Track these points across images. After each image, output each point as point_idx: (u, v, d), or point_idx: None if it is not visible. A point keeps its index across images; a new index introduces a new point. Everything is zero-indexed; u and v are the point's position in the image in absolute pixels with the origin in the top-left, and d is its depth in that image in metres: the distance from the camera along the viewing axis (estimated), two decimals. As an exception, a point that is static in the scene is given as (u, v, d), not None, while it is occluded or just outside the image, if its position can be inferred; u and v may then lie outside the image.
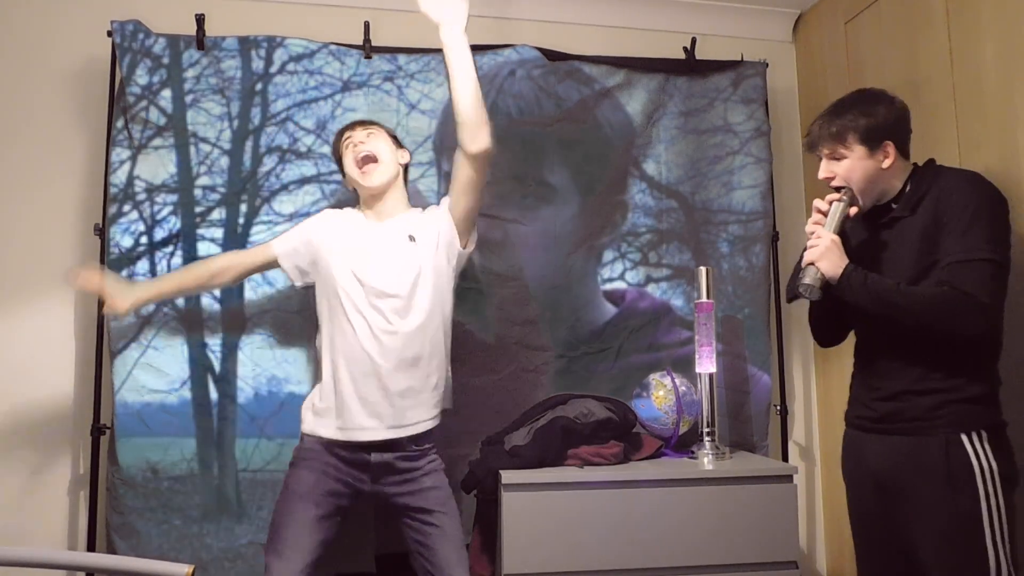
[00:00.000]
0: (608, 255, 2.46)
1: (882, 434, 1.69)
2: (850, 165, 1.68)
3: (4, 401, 2.19)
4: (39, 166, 2.27)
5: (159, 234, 2.20)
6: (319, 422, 1.87)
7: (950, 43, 2.05)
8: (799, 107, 2.77)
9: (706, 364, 2.21)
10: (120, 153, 2.19)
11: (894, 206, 1.71)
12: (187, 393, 2.16)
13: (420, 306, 1.88)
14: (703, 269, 2.27)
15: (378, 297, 1.86)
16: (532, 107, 2.42)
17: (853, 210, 1.70)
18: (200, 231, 2.22)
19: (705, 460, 2.13)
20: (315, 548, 1.80)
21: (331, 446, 1.85)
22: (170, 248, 2.20)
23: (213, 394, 2.17)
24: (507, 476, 1.94)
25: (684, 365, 2.34)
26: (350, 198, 2.13)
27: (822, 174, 1.73)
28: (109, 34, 2.21)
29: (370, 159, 1.94)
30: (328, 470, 1.85)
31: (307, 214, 2.25)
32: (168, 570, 1.23)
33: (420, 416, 1.87)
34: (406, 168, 2.05)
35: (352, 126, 2.02)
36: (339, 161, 2.04)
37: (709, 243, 2.51)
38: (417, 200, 2.32)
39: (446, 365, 1.96)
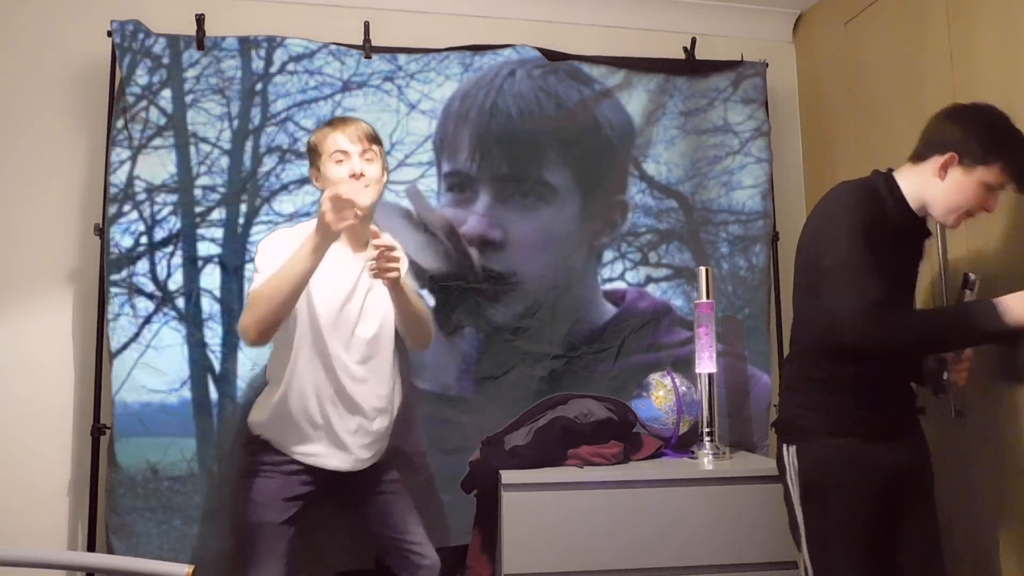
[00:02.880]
0: (608, 255, 2.46)
1: (897, 439, 1.68)
2: None
3: (4, 401, 2.19)
4: (39, 166, 2.27)
5: (159, 234, 2.20)
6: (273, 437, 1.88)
7: (950, 43, 2.05)
8: (799, 107, 2.77)
9: (706, 364, 2.21)
10: (120, 153, 2.19)
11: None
12: (187, 393, 2.16)
13: (384, 347, 1.92)
14: (703, 269, 2.27)
15: (346, 338, 1.85)
16: (532, 107, 2.42)
17: None
18: (200, 231, 2.22)
19: (705, 460, 2.13)
20: (289, 552, 1.81)
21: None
22: (170, 248, 2.20)
23: (213, 394, 2.17)
24: (507, 476, 1.94)
25: (684, 365, 2.34)
26: None
27: (994, 209, 1.67)
28: (109, 34, 2.21)
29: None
30: (286, 475, 1.85)
31: (307, 214, 2.26)
32: (168, 570, 1.23)
33: (375, 451, 1.92)
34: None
35: (342, 129, 1.88)
36: (313, 151, 1.92)
37: (709, 243, 2.51)
38: (417, 200, 2.33)
39: (398, 399, 1.99)
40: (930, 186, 1.65)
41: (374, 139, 1.92)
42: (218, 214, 2.24)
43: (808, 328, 1.72)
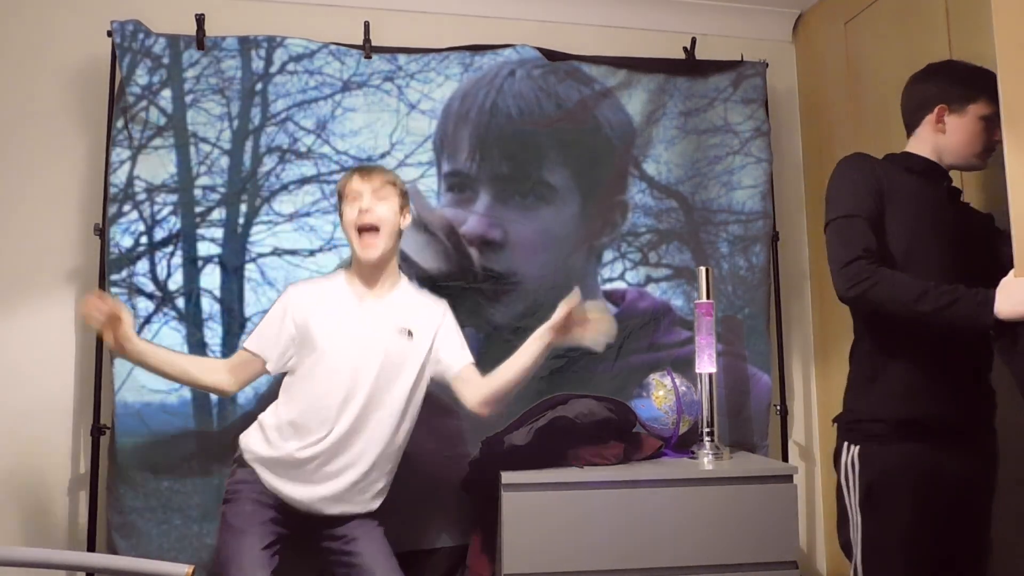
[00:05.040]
0: (608, 255, 2.46)
1: (965, 445, 1.63)
2: None
3: (4, 401, 2.19)
4: (39, 166, 2.27)
5: (159, 234, 2.20)
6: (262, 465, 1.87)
7: (950, 43, 2.05)
8: (799, 107, 2.77)
9: (706, 364, 2.21)
10: (120, 153, 2.19)
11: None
12: (187, 393, 2.16)
13: (389, 404, 1.87)
14: (703, 269, 2.27)
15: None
16: (532, 107, 2.42)
17: None
18: (200, 231, 2.22)
19: (705, 460, 2.13)
20: None
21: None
22: (170, 248, 2.20)
23: (213, 394, 2.17)
24: (507, 476, 1.94)
25: (684, 365, 2.34)
26: None
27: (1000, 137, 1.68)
28: (109, 34, 2.21)
29: (372, 229, 1.88)
30: (262, 499, 1.84)
31: (307, 214, 2.26)
32: (168, 570, 1.23)
33: (353, 509, 1.87)
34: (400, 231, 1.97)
35: (362, 173, 1.92)
36: (338, 196, 1.97)
37: (709, 243, 2.51)
38: (417, 200, 2.33)
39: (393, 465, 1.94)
40: (937, 142, 1.73)
41: (392, 182, 1.94)
42: (218, 214, 2.24)
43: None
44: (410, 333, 1.90)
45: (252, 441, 1.89)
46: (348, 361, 1.84)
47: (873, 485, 1.63)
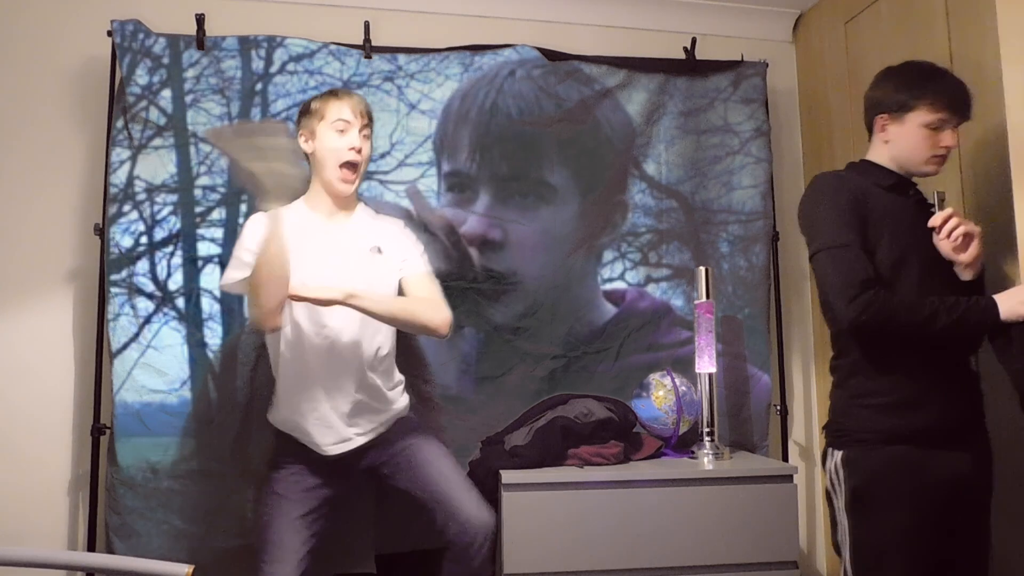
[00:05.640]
0: (608, 255, 2.46)
1: (957, 446, 1.62)
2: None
3: (4, 401, 2.19)
4: (39, 166, 2.27)
5: (159, 234, 2.20)
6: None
7: (950, 43, 2.05)
8: (799, 107, 2.77)
9: (706, 364, 2.21)
10: (120, 153, 2.19)
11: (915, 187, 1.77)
12: (187, 393, 2.16)
13: (377, 332, 1.88)
14: (703, 269, 2.27)
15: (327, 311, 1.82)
16: (532, 107, 2.42)
17: None
18: (200, 231, 2.22)
19: (705, 460, 2.13)
20: (303, 545, 1.81)
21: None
22: (170, 248, 2.20)
23: (213, 394, 2.17)
24: (507, 476, 1.94)
25: (684, 365, 2.34)
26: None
27: (953, 142, 1.70)
28: (109, 34, 2.21)
29: (355, 168, 1.90)
30: (305, 464, 1.87)
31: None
32: (168, 570, 1.23)
33: (374, 422, 1.90)
34: None
35: (347, 101, 1.90)
36: (312, 113, 1.92)
37: (709, 243, 2.51)
38: (417, 200, 2.33)
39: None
40: (886, 150, 1.74)
41: (370, 118, 1.97)
42: (218, 214, 2.24)
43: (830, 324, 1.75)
44: (379, 250, 1.91)
45: (273, 408, 1.92)
46: (325, 281, 1.79)
47: (859, 489, 1.62)
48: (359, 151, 1.89)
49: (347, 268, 1.85)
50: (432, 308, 1.87)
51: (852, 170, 1.78)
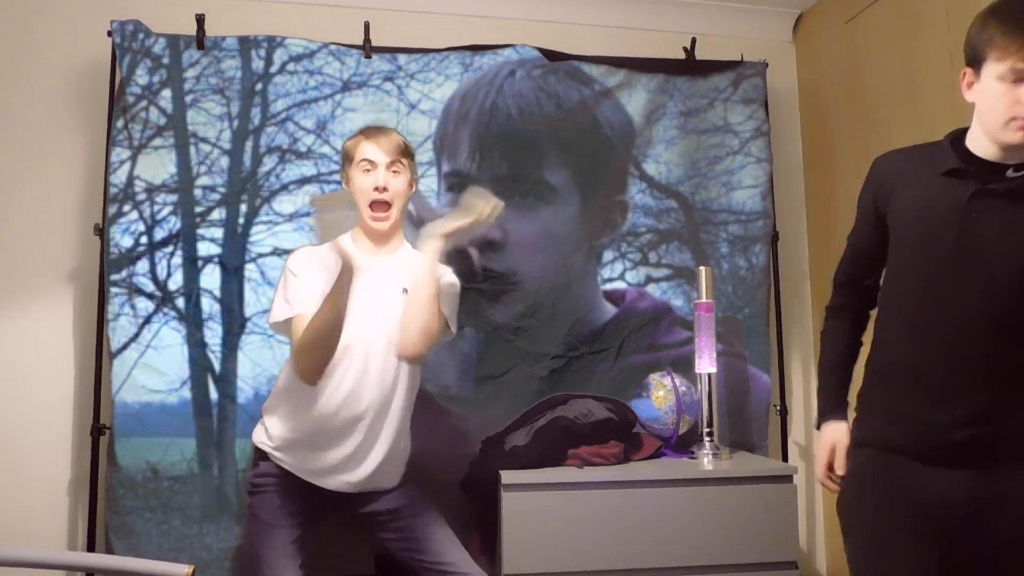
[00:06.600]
0: (608, 255, 2.46)
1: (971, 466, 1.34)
2: None
3: (4, 401, 2.19)
4: (39, 166, 2.27)
5: (159, 234, 2.20)
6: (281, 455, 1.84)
7: (950, 43, 2.05)
8: (799, 107, 2.77)
9: (706, 364, 2.21)
10: (120, 153, 2.19)
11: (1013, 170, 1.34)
12: (187, 393, 2.16)
13: (393, 367, 1.83)
14: (703, 269, 2.27)
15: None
16: (532, 107, 2.42)
17: None
18: (200, 231, 2.22)
19: (705, 460, 2.12)
20: (300, 569, 1.76)
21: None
22: (170, 248, 2.20)
23: (213, 394, 2.17)
24: (507, 476, 1.94)
25: (684, 365, 2.34)
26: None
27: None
28: (109, 34, 2.21)
29: (387, 206, 1.86)
30: (288, 490, 1.81)
31: (307, 214, 2.26)
32: (168, 570, 1.22)
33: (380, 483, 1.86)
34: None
35: (374, 140, 1.87)
36: (345, 156, 1.93)
37: (709, 243, 2.51)
38: (417, 201, 2.33)
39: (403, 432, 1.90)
40: (975, 115, 1.38)
41: (405, 152, 1.91)
42: (218, 214, 2.24)
43: None
44: (405, 290, 1.87)
45: (269, 428, 1.84)
46: (352, 318, 1.77)
47: (841, 494, 1.50)
48: (384, 189, 1.84)
49: (377, 309, 1.83)
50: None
51: (921, 149, 1.49)
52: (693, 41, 2.61)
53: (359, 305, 1.79)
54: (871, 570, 1.40)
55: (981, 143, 1.37)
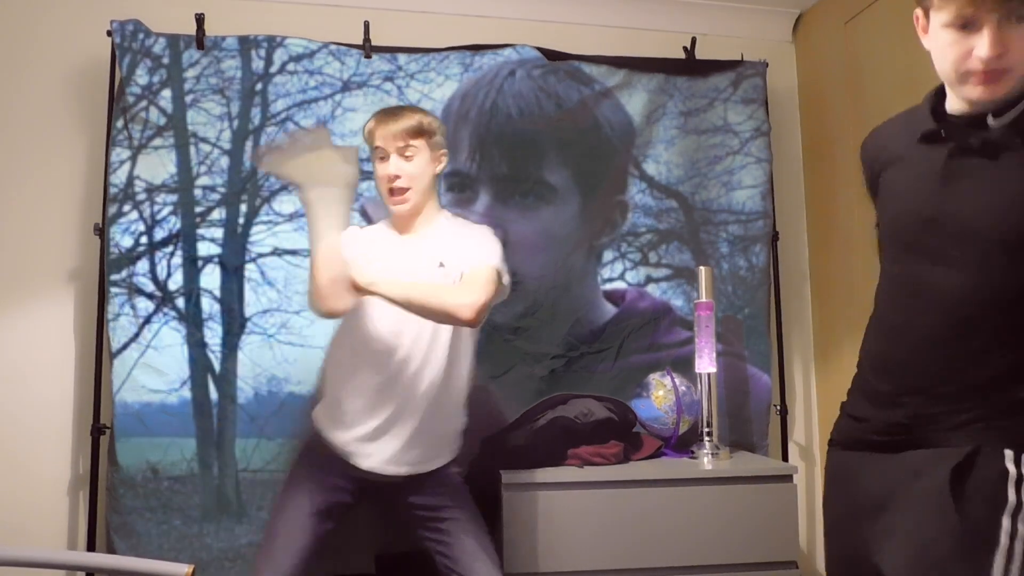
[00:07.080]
0: (608, 255, 2.46)
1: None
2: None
3: (4, 401, 2.19)
4: (39, 166, 2.27)
5: (159, 234, 2.20)
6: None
7: (950, 43, 2.04)
8: (799, 107, 2.77)
9: (706, 364, 2.21)
10: (120, 153, 2.19)
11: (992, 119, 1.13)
12: (187, 393, 2.16)
13: (432, 347, 1.77)
14: (703, 269, 2.28)
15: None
16: (532, 107, 2.42)
17: None
18: (200, 231, 2.22)
19: (705, 460, 2.13)
20: (308, 547, 1.75)
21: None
22: (170, 248, 2.20)
23: (213, 394, 2.17)
24: (507, 476, 1.94)
25: (684, 365, 2.34)
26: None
27: (993, 49, 1.08)
28: (109, 34, 2.21)
29: (403, 190, 1.82)
30: (327, 464, 1.79)
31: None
32: (168, 570, 1.23)
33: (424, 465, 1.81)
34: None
35: (385, 126, 1.82)
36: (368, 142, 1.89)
37: (709, 243, 2.51)
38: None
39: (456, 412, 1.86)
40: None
41: (417, 132, 1.82)
42: (218, 214, 2.24)
43: None
44: (441, 264, 1.81)
45: (318, 412, 1.84)
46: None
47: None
48: (396, 177, 1.80)
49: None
50: (455, 291, 1.71)
51: (905, 116, 1.32)
52: (693, 41, 2.61)
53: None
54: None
55: (952, 98, 1.20)
